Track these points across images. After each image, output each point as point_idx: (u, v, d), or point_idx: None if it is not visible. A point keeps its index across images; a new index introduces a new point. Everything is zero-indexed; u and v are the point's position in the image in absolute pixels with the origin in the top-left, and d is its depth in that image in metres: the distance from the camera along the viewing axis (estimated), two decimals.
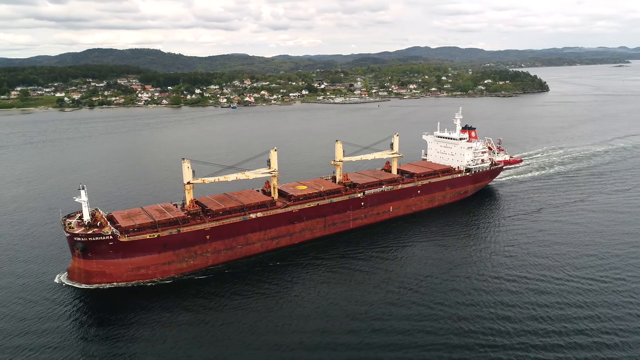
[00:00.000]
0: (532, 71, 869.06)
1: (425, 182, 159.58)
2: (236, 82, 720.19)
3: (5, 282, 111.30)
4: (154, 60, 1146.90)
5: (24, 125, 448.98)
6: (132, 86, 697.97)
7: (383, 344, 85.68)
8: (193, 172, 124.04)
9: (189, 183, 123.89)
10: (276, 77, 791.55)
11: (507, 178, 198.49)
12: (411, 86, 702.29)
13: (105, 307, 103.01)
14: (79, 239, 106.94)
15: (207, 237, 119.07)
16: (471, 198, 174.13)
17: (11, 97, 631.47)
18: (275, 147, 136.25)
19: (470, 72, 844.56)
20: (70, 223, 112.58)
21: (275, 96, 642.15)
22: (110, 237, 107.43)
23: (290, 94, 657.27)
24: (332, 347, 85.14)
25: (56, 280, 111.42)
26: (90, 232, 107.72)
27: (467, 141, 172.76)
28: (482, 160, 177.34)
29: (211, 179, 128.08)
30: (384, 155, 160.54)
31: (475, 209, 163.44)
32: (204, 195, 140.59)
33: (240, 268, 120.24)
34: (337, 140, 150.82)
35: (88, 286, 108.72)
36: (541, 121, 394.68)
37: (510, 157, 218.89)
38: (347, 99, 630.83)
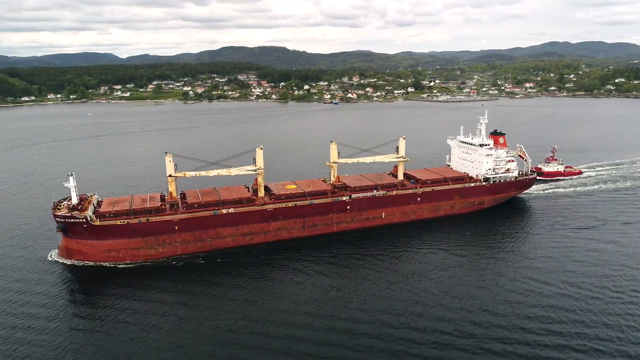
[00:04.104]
0: None
1: (428, 189, 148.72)
2: (345, 79, 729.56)
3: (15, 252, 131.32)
4: (279, 57, 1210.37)
5: (150, 115, 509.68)
6: (249, 81, 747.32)
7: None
8: (175, 165, 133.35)
9: (170, 176, 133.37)
10: (385, 74, 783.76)
11: (553, 190, 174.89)
12: (527, 85, 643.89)
13: (79, 279, 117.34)
14: (58, 219, 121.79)
15: (176, 227, 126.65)
16: (487, 210, 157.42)
17: (147, 90, 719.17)
18: (261, 146, 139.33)
19: (608, 70, 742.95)
20: (61, 205, 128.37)
21: (378, 93, 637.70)
22: (84, 220, 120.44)
23: (395, 91, 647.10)
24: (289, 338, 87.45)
25: (49, 256, 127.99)
26: (68, 214, 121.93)
27: (489, 148, 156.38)
28: (508, 170, 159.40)
29: (192, 174, 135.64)
30: (387, 158, 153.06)
31: (486, 222, 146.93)
32: (203, 188, 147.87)
33: (210, 259, 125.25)
34: (331, 141, 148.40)
35: (67, 261, 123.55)
36: None
37: (566, 167, 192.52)
38: (452, 97, 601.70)
